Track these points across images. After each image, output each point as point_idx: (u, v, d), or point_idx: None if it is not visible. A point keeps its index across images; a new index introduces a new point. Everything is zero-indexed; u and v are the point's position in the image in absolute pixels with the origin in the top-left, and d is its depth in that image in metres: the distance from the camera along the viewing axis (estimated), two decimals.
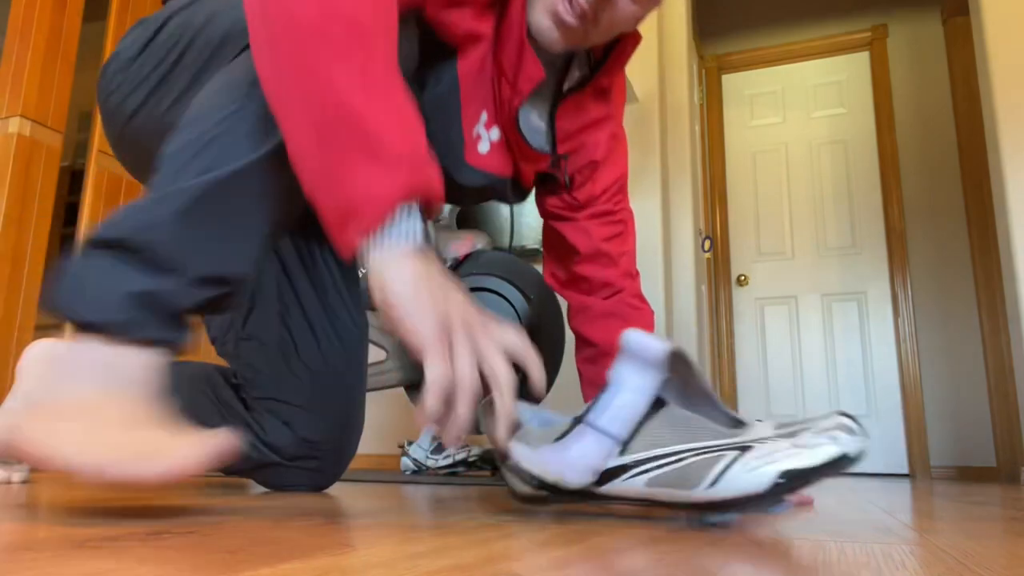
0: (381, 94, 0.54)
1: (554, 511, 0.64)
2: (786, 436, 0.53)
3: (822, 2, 3.71)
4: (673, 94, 2.62)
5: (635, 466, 0.55)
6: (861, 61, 3.59)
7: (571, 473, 0.56)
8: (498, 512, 0.61)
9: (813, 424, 0.53)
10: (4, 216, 1.95)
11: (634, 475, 0.55)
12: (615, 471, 0.56)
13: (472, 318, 0.54)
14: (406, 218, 0.54)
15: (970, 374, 3.12)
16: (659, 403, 0.57)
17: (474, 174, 0.84)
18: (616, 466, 0.56)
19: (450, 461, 1.79)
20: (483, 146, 0.84)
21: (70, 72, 2.03)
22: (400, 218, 0.54)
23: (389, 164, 0.53)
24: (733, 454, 0.52)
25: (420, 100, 0.78)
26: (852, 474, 3.10)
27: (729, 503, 0.53)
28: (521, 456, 0.60)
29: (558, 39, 0.78)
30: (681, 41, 2.64)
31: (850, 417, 0.53)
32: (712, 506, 0.54)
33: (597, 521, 0.56)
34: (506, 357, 0.54)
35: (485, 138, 0.84)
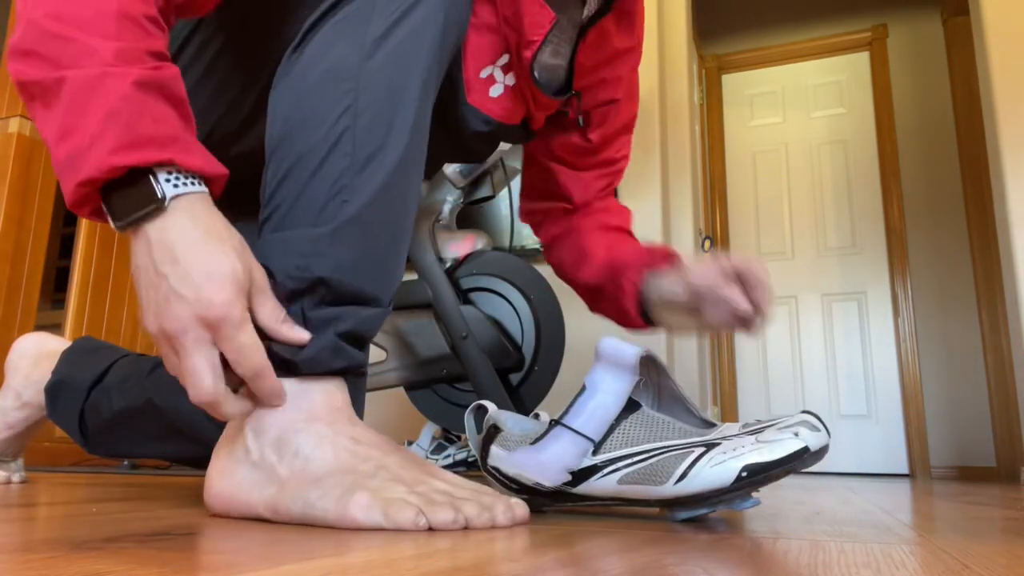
0: None
1: (554, 512, 0.64)
2: (751, 433, 0.55)
3: (822, 2, 3.71)
4: (673, 94, 2.62)
5: (607, 465, 0.57)
6: (861, 61, 3.59)
7: (547, 473, 0.58)
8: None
9: (779, 422, 0.55)
10: (4, 216, 1.95)
11: (606, 474, 0.57)
12: (588, 471, 0.58)
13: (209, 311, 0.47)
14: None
15: (970, 374, 3.12)
16: (634, 406, 0.59)
17: (477, 117, 0.78)
18: (589, 465, 0.58)
19: (450, 461, 1.79)
20: (495, 89, 0.77)
21: None
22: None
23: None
24: (699, 451, 0.55)
25: None
26: (852, 474, 3.10)
27: (696, 498, 0.55)
28: (499, 460, 0.62)
29: None
30: (681, 41, 2.64)
31: (815, 416, 0.55)
32: (680, 502, 0.56)
33: (598, 522, 0.56)
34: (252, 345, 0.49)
35: (500, 82, 0.77)
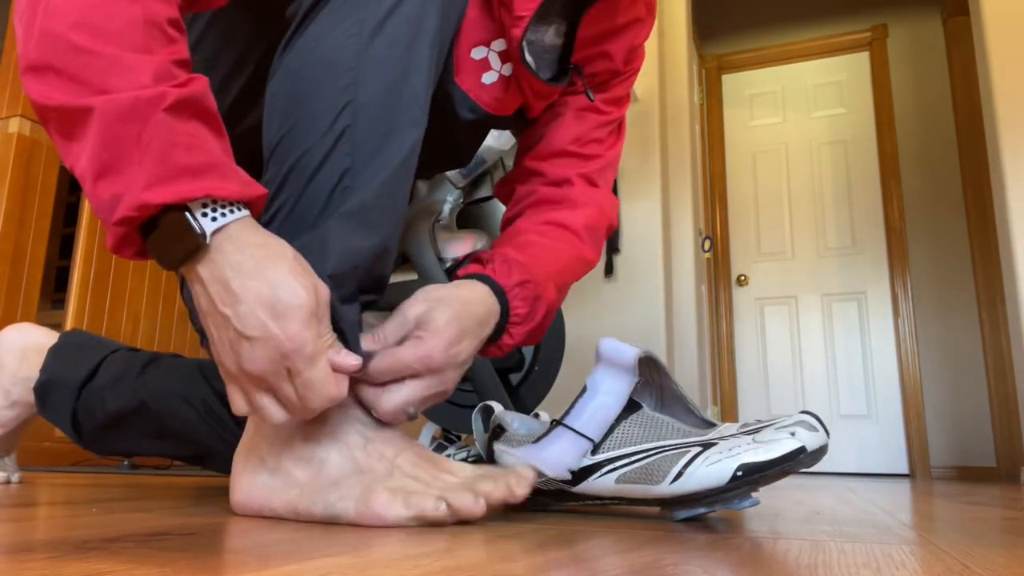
0: None
1: (554, 512, 0.64)
2: (748, 433, 0.55)
3: (822, 2, 3.71)
4: (673, 94, 2.62)
5: (605, 464, 0.58)
6: (861, 61, 3.59)
7: (546, 471, 0.59)
8: (498, 512, 0.61)
9: (777, 422, 0.55)
10: (4, 216, 1.95)
11: (605, 473, 0.58)
12: (587, 470, 0.58)
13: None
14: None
15: (970, 374, 3.12)
16: (634, 406, 0.59)
17: (464, 102, 0.72)
18: (588, 465, 0.58)
19: None
20: (489, 76, 0.72)
21: None
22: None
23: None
24: (696, 450, 0.55)
25: None
26: (852, 474, 3.10)
27: (692, 497, 0.55)
28: (502, 458, 0.62)
29: None
30: (681, 41, 2.65)
31: (814, 416, 0.55)
32: (677, 501, 0.56)
33: (598, 522, 0.56)
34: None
35: (495, 69, 0.72)
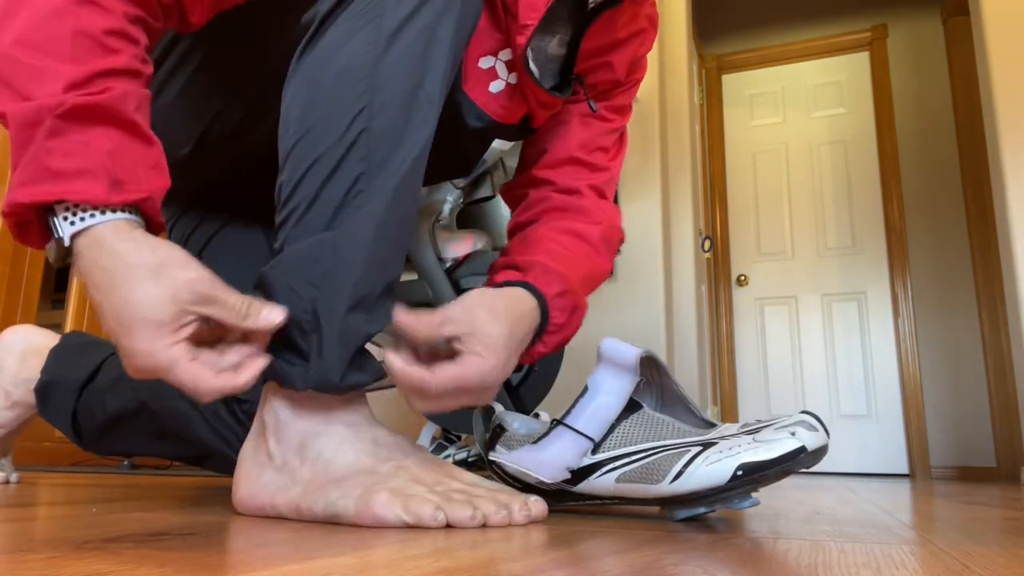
0: None
1: (554, 512, 0.64)
2: (748, 433, 0.55)
3: (822, 2, 3.71)
4: (673, 94, 2.62)
5: (606, 463, 0.58)
6: (861, 61, 3.59)
7: (547, 471, 0.59)
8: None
9: (777, 422, 0.55)
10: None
11: (605, 472, 0.58)
12: (587, 469, 0.58)
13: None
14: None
15: (970, 374, 3.12)
16: (635, 406, 0.59)
17: (471, 110, 0.73)
18: (588, 464, 0.58)
19: (450, 461, 1.79)
20: (496, 85, 0.72)
21: None
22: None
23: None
24: (696, 450, 0.55)
25: None
26: (852, 474, 3.10)
27: (692, 496, 0.55)
28: (502, 458, 0.62)
29: None
30: (681, 41, 2.65)
31: (814, 416, 0.55)
32: (677, 500, 0.56)
33: (597, 522, 0.56)
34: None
35: (502, 78, 0.72)
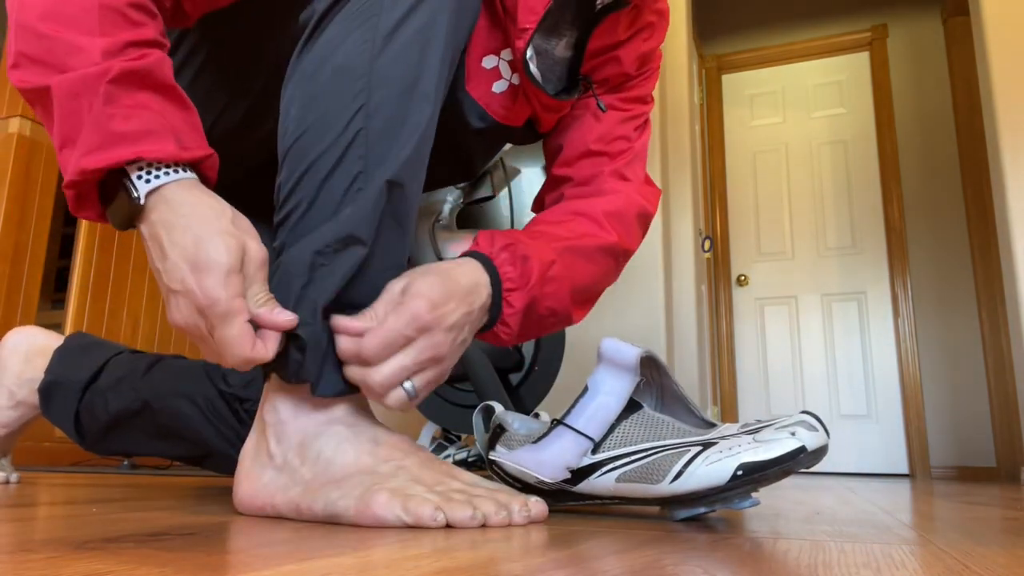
0: None
1: (554, 512, 0.64)
2: (748, 433, 0.55)
3: (822, 2, 3.71)
4: (673, 94, 2.62)
5: (606, 463, 0.58)
6: (861, 61, 3.59)
7: (547, 471, 0.59)
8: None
9: (777, 422, 0.55)
10: (4, 215, 1.95)
11: (605, 472, 0.58)
12: (587, 469, 0.58)
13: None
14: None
15: (970, 374, 3.12)
16: (635, 406, 0.59)
17: (474, 110, 0.72)
18: (588, 464, 0.58)
19: (450, 461, 1.79)
20: (499, 85, 0.72)
21: None
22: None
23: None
24: (696, 449, 0.55)
25: None
26: (852, 474, 3.10)
27: (692, 496, 0.55)
28: (502, 458, 0.62)
29: None
30: (681, 41, 2.64)
31: (814, 416, 0.55)
32: (677, 500, 0.56)
33: (597, 522, 0.56)
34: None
35: (506, 78, 0.72)
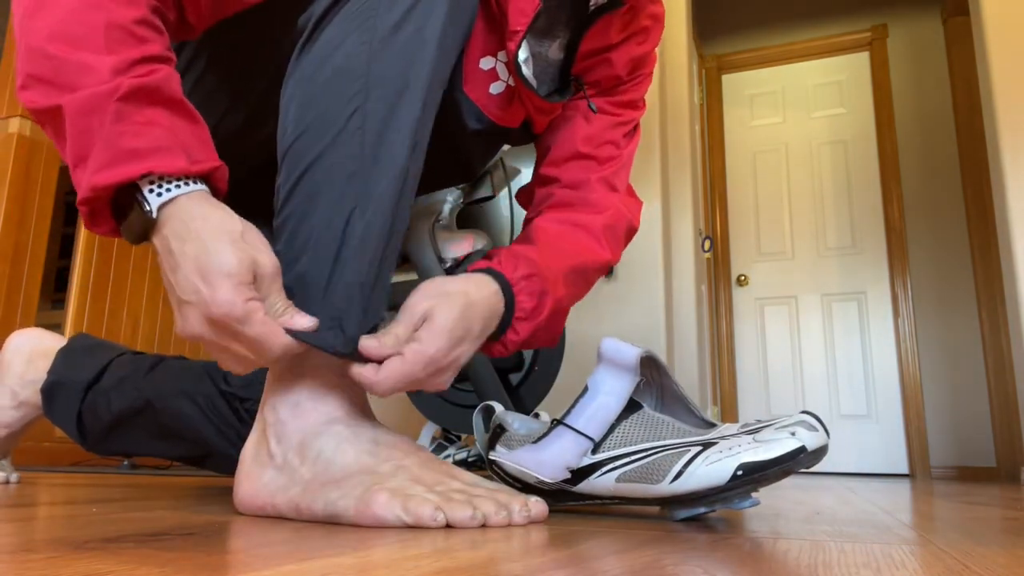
0: None
1: (554, 512, 0.64)
2: (748, 433, 0.55)
3: (822, 2, 3.71)
4: (673, 94, 2.62)
5: (606, 463, 0.58)
6: (861, 61, 3.59)
7: (547, 471, 0.59)
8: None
9: (777, 422, 0.55)
10: (4, 216, 1.95)
11: (605, 472, 0.58)
12: (587, 469, 0.58)
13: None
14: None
15: (970, 374, 3.12)
16: (635, 406, 0.59)
17: (471, 111, 0.73)
18: (588, 464, 0.58)
19: (450, 461, 1.79)
20: (496, 87, 0.73)
21: None
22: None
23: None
24: (696, 449, 0.55)
25: None
26: (852, 474, 3.10)
27: (692, 496, 0.55)
28: (502, 458, 0.62)
29: None
30: (681, 41, 2.64)
31: (814, 416, 0.55)
32: (677, 500, 0.56)
33: (597, 522, 0.56)
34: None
35: (503, 80, 0.73)
